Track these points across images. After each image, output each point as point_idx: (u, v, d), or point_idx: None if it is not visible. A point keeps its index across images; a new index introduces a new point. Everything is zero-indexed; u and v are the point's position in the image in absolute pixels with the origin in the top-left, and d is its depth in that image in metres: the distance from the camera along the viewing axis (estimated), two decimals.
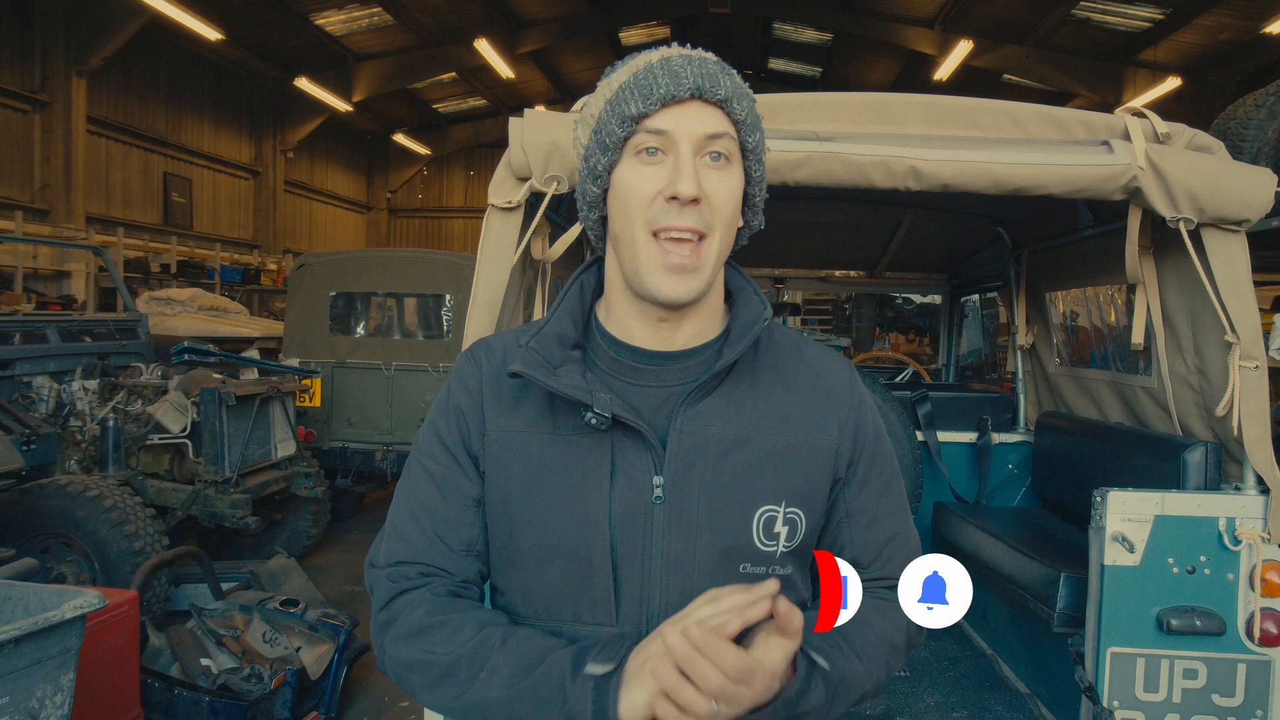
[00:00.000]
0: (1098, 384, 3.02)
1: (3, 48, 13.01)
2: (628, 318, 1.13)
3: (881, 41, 17.23)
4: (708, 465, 1.07)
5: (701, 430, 1.08)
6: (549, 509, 1.07)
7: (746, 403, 1.11)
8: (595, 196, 1.11)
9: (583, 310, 1.18)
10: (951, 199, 3.31)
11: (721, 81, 1.03)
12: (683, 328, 1.12)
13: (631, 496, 1.06)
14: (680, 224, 1.01)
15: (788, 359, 1.18)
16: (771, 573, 1.08)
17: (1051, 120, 2.15)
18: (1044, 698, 2.60)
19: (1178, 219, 2.07)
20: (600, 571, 1.06)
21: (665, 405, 1.10)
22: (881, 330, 12.76)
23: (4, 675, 2.11)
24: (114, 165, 15.46)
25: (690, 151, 1.02)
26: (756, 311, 1.13)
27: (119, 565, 4.39)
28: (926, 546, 3.72)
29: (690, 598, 1.04)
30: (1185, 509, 2.13)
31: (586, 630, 1.06)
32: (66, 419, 5.34)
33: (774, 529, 1.08)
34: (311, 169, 22.36)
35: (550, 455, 1.08)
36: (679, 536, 1.06)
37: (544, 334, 1.11)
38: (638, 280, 1.06)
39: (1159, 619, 2.12)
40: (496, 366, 1.15)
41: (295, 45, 17.53)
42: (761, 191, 1.14)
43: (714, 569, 1.06)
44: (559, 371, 1.07)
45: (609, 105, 1.05)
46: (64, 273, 12.75)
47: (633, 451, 1.07)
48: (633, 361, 1.12)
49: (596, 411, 1.03)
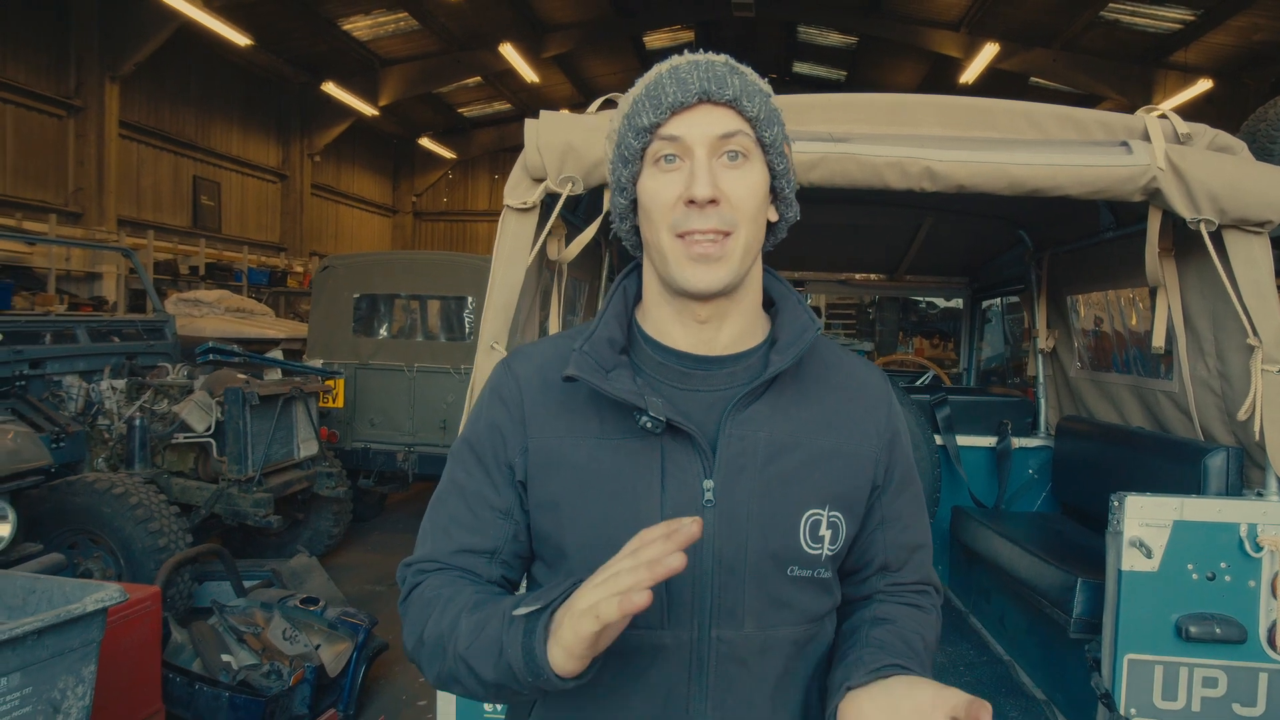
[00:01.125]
0: (1119, 388, 2.99)
1: (39, 54, 13.28)
2: (666, 322, 1.14)
3: (907, 45, 17.14)
4: (756, 469, 1.08)
5: (751, 435, 1.09)
6: (600, 513, 1.08)
7: (792, 409, 1.13)
8: (624, 208, 1.15)
9: (626, 315, 1.20)
10: (972, 201, 3.28)
11: (729, 82, 1.05)
12: (723, 330, 1.13)
13: (682, 500, 1.07)
14: (702, 226, 1.03)
15: (830, 368, 1.20)
16: (816, 576, 1.11)
17: (1069, 121, 2.13)
18: (1060, 704, 2.57)
19: (1198, 220, 2.04)
20: None
21: (713, 410, 1.11)
22: (905, 335, 12.67)
23: (27, 666, 2.15)
24: (145, 169, 15.73)
25: (705, 154, 1.04)
26: (804, 321, 1.15)
27: (143, 561, 4.46)
28: (944, 551, 3.69)
29: (740, 600, 1.07)
30: (1205, 515, 2.09)
31: (638, 635, 1.06)
32: (95, 417, 5.43)
33: (819, 532, 1.10)
34: (338, 172, 22.61)
35: (600, 459, 1.09)
36: (729, 539, 1.07)
37: (596, 338, 1.12)
38: (669, 277, 1.08)
39: (1178, 626, 2.08)
40: (534, 375, 1.16)
41: (322, 50, 17.76)
42: (790, 184, 1.14)
43: (764, 571, 1.08)
44: (611, 376, 1.09)
45: (625, 119, 1.09)
46: (95, 274, 12.98)
47: (682, 455, 1.08)
48: (679, 366, 1.13)
49: (652, 415, 1.04)
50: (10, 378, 5.09)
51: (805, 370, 1.17)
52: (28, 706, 2.16)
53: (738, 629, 1.08)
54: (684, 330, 1.13)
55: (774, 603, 1.09)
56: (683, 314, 1.12)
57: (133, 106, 15.09)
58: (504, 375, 1.19)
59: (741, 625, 1.08)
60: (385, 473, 7.24)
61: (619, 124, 1.11)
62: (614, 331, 1.15)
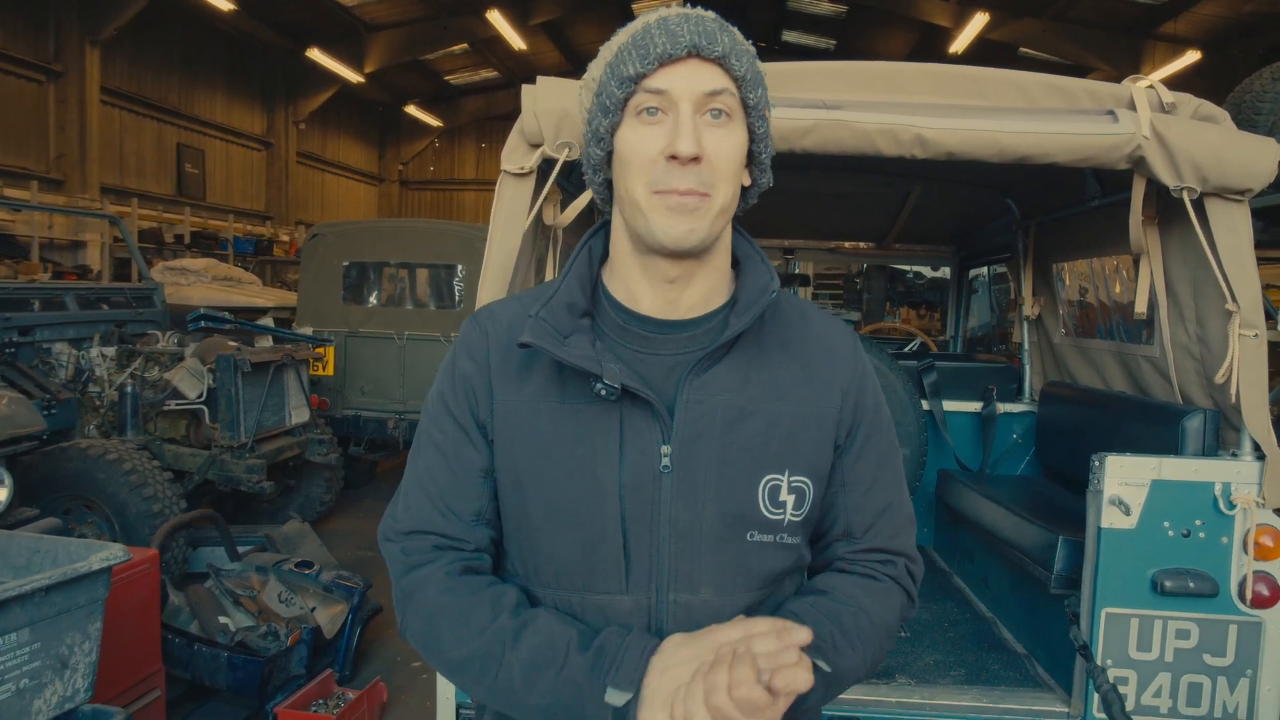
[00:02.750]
0: (1102, 354, 3.05)
1: (17, 18, 13.02)
2: (634, 281, 1.12)
3: (897, 14, 17.06)
4: (715, 436, 1.08)
5: (708, 400, 1.08)
6: (560, 479, 1.08)
7: (753, 373, 1.11)
8: (599, 159, 1.12)
9: (591, 276, 1.18)
10: (960, 170, 3.32)
11: (719, 38, 1.03)
12: (689, 290, 1.11)
13: (640, 466, 1.07)
14: (681, 185, 1.01)
15: (793, 328, 1.18)
16: (780, 540, 1.10)
17: (1058, 90, 2.17)
18: (1040, 658, 2.66)
19: (1181, 188, 2.09)
20: (611, 540, 1.07)
21: (672, 374, 1.11)
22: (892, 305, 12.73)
23: (35, 622, 2.19)
24: (128, 136, 15.52)
25: (690, 110, 1.02)
26: (764, 281, 1.13)
27: (138, 527, 4.50)
28: (930, 513, 3.77)
29: (698, 566, 1.07)
30: (1182, 474, 2.17)
31: (597, 599, 1.08)
32: (85, 385, 5.44)
33: (779, 497, 1.09)
34: (324, 140, 22.36)
35: (559, 425, 1.09)
36: (685, 505, 1.07)
37: (554, 303, 1.11)
38: (645, 231, 1.05)
39: (1153, 581, 2.16)
40: (503, 335, 1.15)
41: (307, 16, 17.48)
42: (767, 149, 1.13)
43: (721, 537, 1.08)
44: (568, 341, 1.07)
45: (608, 68, 1.06)
46: (79, 243, 12.84)
47: (641, 421, 1.08)
48: (640, 330, 1.12)
49: (606, 383, 1.04)
50: (0, 345, 5.08)
51: (768, 331, 1.15)
52: (36, 661, 2.21)
53: (693, 593, 1.08)
54: (650, 289, 1.12)
55: (732, 567, 1.08)
56: (650, 272, 1.11)
57: (114, 72, 14.85)
58: (473, 332, 1.18)
59: (697, 590, 1.08)
60: (376, 440, 7.27)
61: (600, 72, 1.08)
62: (574, 295, 1.13)
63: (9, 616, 2.11)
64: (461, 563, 1.12)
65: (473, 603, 1.07)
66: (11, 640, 2.13)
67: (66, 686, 2.30)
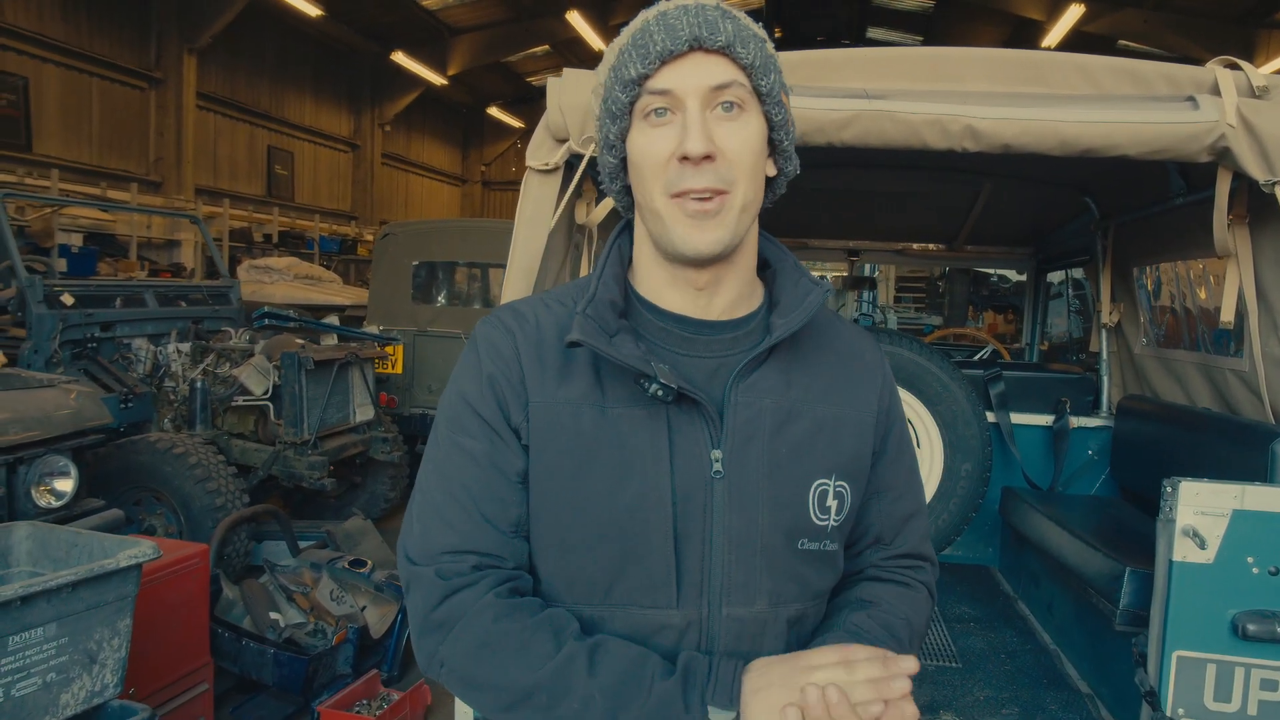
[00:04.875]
0: (1186, 366, 2.80)
1: (122, 28, 13.72)
2: (662, 286, 1.08)
3: (986, 7, 16.46)
4: (765, 439, 1.04)
5: (757, 403, 1.04)
6: (605, 487, 1.01)
7: (794, 376, 1.08)
8: (614, 166, 1.08)
9: (623, 276, 1.12)
10: (1032, 166, 3.10)
11: (721, 26, 0.97)
12: (719, 294, 1.07)
13: (690, 472, 1.01)
14: (697, 185, 0.96)
15: (826, 334, 1.15)
16: (824, 548, 1.07)
17: (1129, 74, 1.97)
18: (1106, 699, 2.43)
19: (1273, 183, 1.87)
20: (661, 552, 1.01)
21: (716, 377, 1.06)
22: (976, 309, 12.26)
23: (63, 617, 2.21)
24: (221, 139, 16.19)
25: (698, 107, 0.97)
26: (807, 285, 1.10)
27: (201, 520, 4.61)
28: (995, 533, 3.54)
29: (751, 576, 1.02)
30: (1269, 504, 1.93)
31: (646, 614, 1.01)
32: (161, 379, 5.62)
33: (826, 502, 1.06)
34: (408, 142, 22.90)
35: (602, 429, 1.02)
36: (739, 513, 1.02)
37: (599, 300, 1.04)
38: (666, 241, 1.01)
39: (1234, 623, 1.93)
40: (533, 333, 1.07)
41: (392, 20, 17.93)
42: (789, 136, 1.07)
43: (774, 545, 1.03)
44: (615, 340, 1.02)
45: (612, 72, 1.02)
46: (174, 241, 13.45)
47: (689, 425, 1.02)
48: (681, 331, 1.07)
49: (661, 383, 0.98)
50: (82, 340, 5.29)
51: (803, 336, 1.11)
52: (64, 656, 2.23)
53: (749, 606, 1.03)
54: (679, 295, 1.07)
55: (786, 577, 1.05)
56: (678, 280, 1.06)
57: (210, 78, 15.51)
58: (498, 331, 1.08)
59: (753, 603, 1.03)
60: None
61: (605, 77, 1.04)
62: (614, 293, 1.07)
63: (35, 611, 2.13)
64: (509, 585, 1.02)
65: (532, 628, 0.97)
66: (38, 635, 2.15)
67: (95, 681, 2.32)
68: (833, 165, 3.31)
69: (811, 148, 1.99)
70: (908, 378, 3.12)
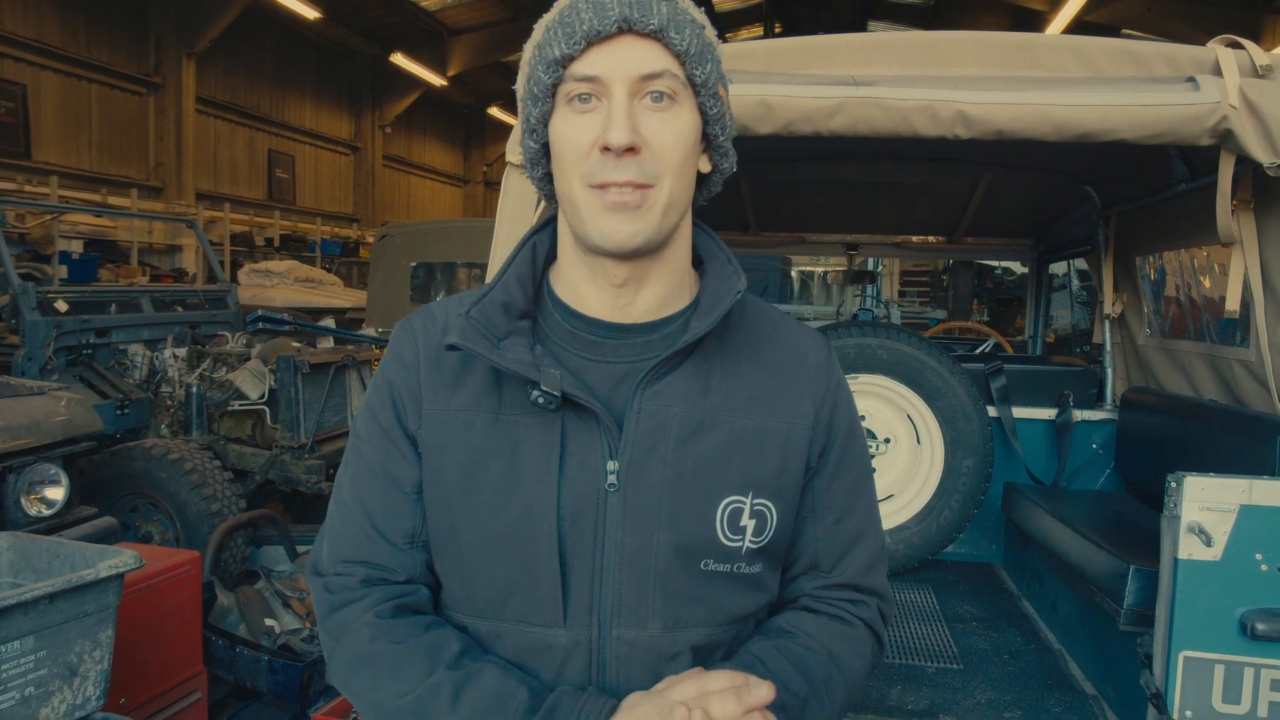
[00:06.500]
0: (1191, 357, 2.73)
1: (120, 33, 13.72)
2: (581, 282, 1.01)
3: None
4: (669, 450, 0.96)
5: (663, 411, 0.97)
6: (492, 498, 0.97)
7: (714, 382, 1.00)
8: (535, 152, 1.01)
9: (534, 275, 1.06)
10: (1030, 154, 3.03)
11: (655, 8, 0.90)
12: (642, 293, 1.00)
13: (582, 484, 0.96)
14: (618, 178, 0.90)
15: (761, 335, 1.06)
16: (736, 570, 0.99)
17: (1126, 55, 1.90)
18: (1111, 701, 2.36)
19: (1278, 165, 1.80)
20: (547, 568, 0.96)
21: (624, 383, 0.99)
22: (980, 302, 12.16)
23: (40, 630, 2.16)
24: (221, 143, 16.18)
25: (624, 95, 0.90)
26: (730, 281, 1.02)
27: (198, 526, 4.57)
28: (998, 530, 3.48)
29: (644, 597, 0.96)
30: (1278, 499, 1.86)
31: (532, 631, 0.97)
32: (158, 385, 5.59)
33: (739, 522, 0.98)
34: (409, 144, 22.88)
35: (494, 438, 0.98)
36: (633, 529, 0.95)
37: (487, 301, 1.00)
38: (584, 233, 0.94)
39: (1242, 622, 1.86)
40: (435, 337, 1.03)
41: (391, 22, 17.91)
42: (725, 131, 1.00)
43: (672, 566, 0.96)
44: (504, 344, 0.97)
45: (536, 50, 0.94)
46: (176, 247, 13.47)
47: (585, 434, 0.96)
48: (588, 334, 1.01)
49: (544, 389, 0.93)
50: (77, 346, 5.26)
51: (733, 338, 1.04)
52: (43, 669, 2.18)
53: (641, 629, 0.96)
54: (598, 293, 1.01)
55: (684, 600, 0.97)
56: (596, 274, 0.99)
57: (209, 82, 15.51)
58: (405, 335, 1.06)
59: (645, 626, 0.96)
60: None
61: (530, 54, 0.96)
62: (512, 294, 1.02)
63: (11, 624, 2.09)
64: (393, 601, 1.00)
65: (406, 651, 0.95)
66: (14, 648, 2.10)
67: (76, 694, 2.27)
68: (829, 157, 3.25)
69: (805, 139, 1.93)
70: (907, 373, 3.07)
